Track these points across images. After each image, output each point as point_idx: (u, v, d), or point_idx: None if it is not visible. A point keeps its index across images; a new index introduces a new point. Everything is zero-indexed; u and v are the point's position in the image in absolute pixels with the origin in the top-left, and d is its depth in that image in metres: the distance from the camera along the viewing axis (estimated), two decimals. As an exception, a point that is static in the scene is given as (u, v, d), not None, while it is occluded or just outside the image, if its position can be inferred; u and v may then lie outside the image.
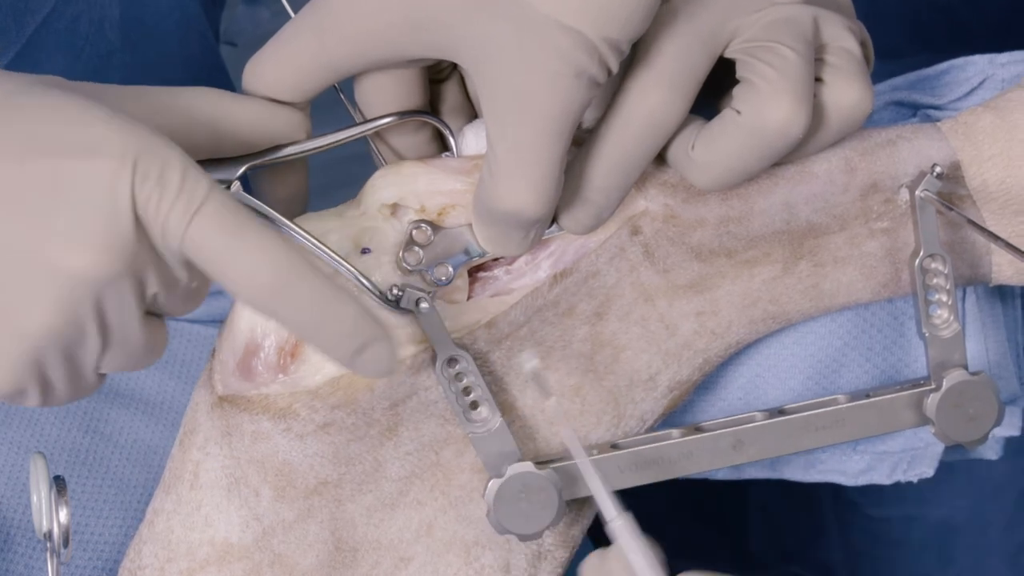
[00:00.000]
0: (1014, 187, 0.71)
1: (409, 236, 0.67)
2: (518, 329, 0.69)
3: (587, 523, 0.72)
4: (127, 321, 0.60)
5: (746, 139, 0.66)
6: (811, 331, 0.75)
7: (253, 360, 0.66)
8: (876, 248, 0.72)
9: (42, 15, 0.89)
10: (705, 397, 0.76)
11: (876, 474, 0.79)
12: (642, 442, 0.69)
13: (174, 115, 0.64)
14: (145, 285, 0.60)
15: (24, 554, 0.76)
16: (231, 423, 0.67)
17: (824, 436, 0.70)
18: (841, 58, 0.68)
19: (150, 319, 0.62)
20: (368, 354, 0.61)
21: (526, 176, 0.63)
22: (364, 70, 0.67)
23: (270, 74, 0.66)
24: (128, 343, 0.61)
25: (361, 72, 0.68)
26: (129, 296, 0.59)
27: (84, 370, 0.61)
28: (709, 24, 0.66)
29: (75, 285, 0.58)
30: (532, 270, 0.69)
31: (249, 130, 0.65)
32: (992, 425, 0.71)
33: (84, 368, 0.61)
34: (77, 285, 0.58)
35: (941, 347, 0.71)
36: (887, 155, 0.71)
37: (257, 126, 0.66)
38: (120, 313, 0.60)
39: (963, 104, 0.75)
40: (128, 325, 0.60)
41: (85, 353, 0.60)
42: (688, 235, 0.70)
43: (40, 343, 0.59)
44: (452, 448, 0.69)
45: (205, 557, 0.68)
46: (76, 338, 0.59)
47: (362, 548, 0.69)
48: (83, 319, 0.59)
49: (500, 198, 0.64)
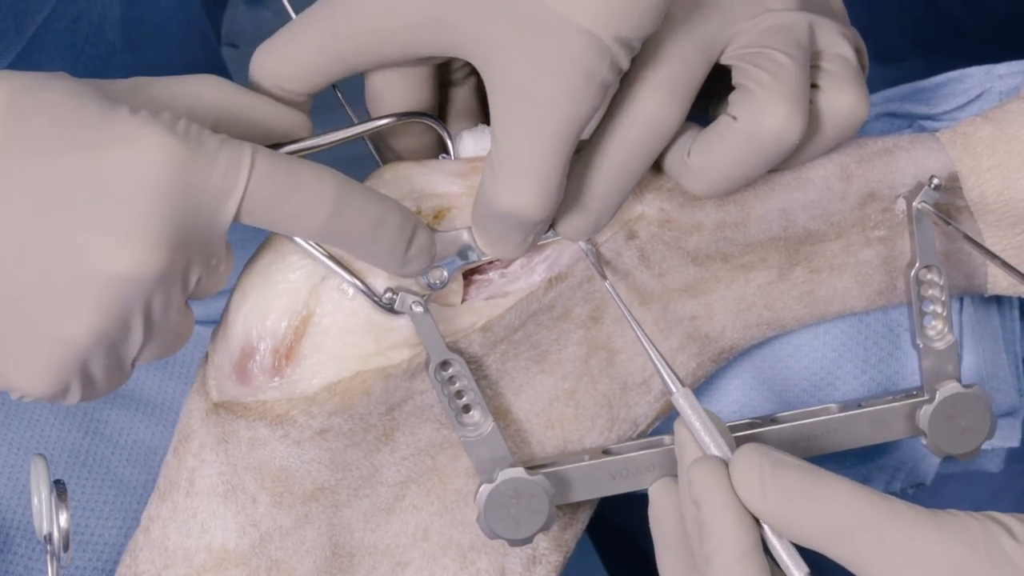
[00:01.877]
0: (1012, 199, 0.71)
1: None
2: (513, 333, 0.69)
3: (581, 527, 0.72)
4: (170, 312, 0.60)
5: (742, 145, 0.66)
6: (806, 342, 0.75)
7: (249, 363, 0.67)
8: (872, 256, 0.72)
9: (42, 16, 0.89)
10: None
11: (873, 484, 0.79)
12: (635, 448, 0.69)
13: (178, 104, 0.63)
14: (191, 273, 0.60)
15: (24, 555, 0.76)
16: (227, 430, 0.67)
17: (816, 446, 0.70)
18: (836, 64, 0.68)
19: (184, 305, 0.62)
20: (415, 245, 0.64)
21: (530, 177, 0.63)
22: (374, 66, 0.67)
23: (278, 64, 0.66)
24: (168, 333, 0.61)
25: (371, 68, 0.68)
26: (176, 288, 0.59)
27: (124, 364, 0.61)
28: (705, 31, 0.66)
29: (124, 285, 0.57)
30: (527, 273, 0.69)
31: (251, 124, 0.65)
32: (984, 438, 0.71)
33: (124, 362, 0.61)
34: (126, 285, 0.57)
35: (935, 358, 0.71)
36: (884, 164, 0.71)
37: (260, 121, 0.65)
38: (165, 305, 0.59)
39: (959, 115, 0.75)
40: (171, 317, 0.60)
41: (128, 348, 0.60)
42: (684, 239, 0.70)
43: (87, 346, 0.58)
44: (448, 452, 0.69)
45: (202, 563, 0.68)
46: (121, 336, 0.59)
47: (359, 553, 0.69)
48: (130, 318, 0.58)
49: (502, 198, 0.64)
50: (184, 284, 0.60)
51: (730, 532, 0.59)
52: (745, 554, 0.59)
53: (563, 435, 0.71)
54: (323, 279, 0.66)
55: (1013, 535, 0.57)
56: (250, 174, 0.59)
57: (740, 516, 0.60)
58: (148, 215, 0.57)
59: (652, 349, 0.65)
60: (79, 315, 0.57)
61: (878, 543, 0.57)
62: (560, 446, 0.70)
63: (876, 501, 0.58)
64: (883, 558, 0.57)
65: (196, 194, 0.58)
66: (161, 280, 0.58)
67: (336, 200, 0.61)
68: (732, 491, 0.60)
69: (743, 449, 0.61)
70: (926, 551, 0.57)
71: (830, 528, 0.58)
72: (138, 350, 0.61)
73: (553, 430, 0.70)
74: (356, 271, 0.66)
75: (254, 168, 0.59)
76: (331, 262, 0.65)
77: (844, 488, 0.59)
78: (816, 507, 0.58)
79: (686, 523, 0.62)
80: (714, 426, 0.63)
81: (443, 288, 0.67)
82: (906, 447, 0.78)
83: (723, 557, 0.59)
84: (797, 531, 0.59)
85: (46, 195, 0.57)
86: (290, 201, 0.60)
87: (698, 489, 0.61)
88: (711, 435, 0.62)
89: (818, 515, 0.58)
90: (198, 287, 0.61)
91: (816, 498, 0.59)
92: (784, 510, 0.59)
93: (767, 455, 0.60)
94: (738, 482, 0.60)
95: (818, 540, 0.59)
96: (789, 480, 0.59)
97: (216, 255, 0.61)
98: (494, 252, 0.68)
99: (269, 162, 0.60)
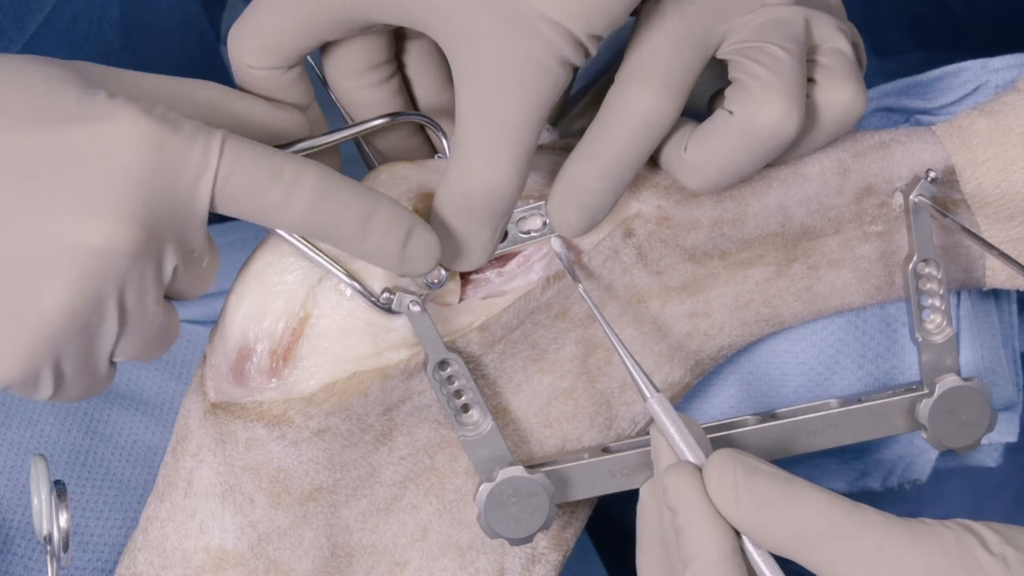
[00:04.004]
0: (1008, 191, 0.71)
1: None
2: (511, 332, 0.69)
3: (580, 525, 0.72)
4: (146, 300, 0.59)
5: (739, 139, 0.66)
6: (803, 338, 0.75)
7: (246, 364, 0.66)
8: (870, 251, 0.72)
9: (42, 15, 0.89)
10: (697, 403, 0.76)
11: (870, 480, 0.79)
12: (634, 446, 0.69)
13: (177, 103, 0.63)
14: (166, 258, 0.59)
15: (23, 555, 0.76)
16: (225, 430, 0.67)
17: (816, 441, 0.70)
18: (833, 59, 0.67)
19: (165, 301, 0.62)
20: (413, 243, 0.63)
21: (508, 152, 0.63)
22: (341, 36, 0.67)
23: (246, 37, 0.66)
24: (145, 325, 0.60)
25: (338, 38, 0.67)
26: (151, 271, 0.59)
27: (99, 357, 0.61)
28: (701, 26, 0.66)
29: (96, 259, 0.57)
30: (524, 272, 0.69)
31: (247, 127, 0.65)
32: (984, 431, 0.71)
33: (99, 355, 0.60)
34: (98, 259, 0.57)
35: (934, 352, 0.71)
36: (880, 157, 0.71)
37: (256, 123, 0.65)
38: (141, 291, 0.59)
39: (955, 109, 0.75)
40: (147, 305, 0.60)
41: (102, 337, 0.59)
42: (682, 237, 0.70)
43: (57, 325, 0.57)
44: (446, 452, 0.69)
45: (200, 564, 0.68)
46: (95, 319, 0.58)
47: (357, 553, 0.69)
48: (103, 297, 0.58)
49: (478, 175, 0.64)
50: (159, 269, 0.59)
51: (707, 538, 0.59)
52: (722, 560, 0.59)
53: (562, 434, 0.70)
54: (320, 280, 0.66)
55: (986, 545, 0.58)
56: (221, 155, 0.59)
57: (716, 522, 0.60)
58: (122, 191, 0.56)
59: (627, 355, 0.65)
60: (50, 289, 0.57)
61: (851, 552, 0.58)
62: (559, 445, 0.70)
63: (850, 510, 0.58)
64: (856, 567, 0.57)
65: (171, 174, 0.57)
66: (135, 259, 0.57)
67: (317, 191, 0.61)
68: (707, 497, 0.60)
69: (717, 455, 0.61)
70: (899, 560, 0.57)
71: (803, 537, 0.58)
72: (113, 342, 0.60)
73: (552, 429, 0.70)
74: (353, 272, 0.66)
75: (225, 149, 0.59)
76: (328, 263, 0.65)
77: (818, 496, 0.59)
78: (790, 515, 0.59)
79: (664, 528, 0.62)
80: (689, 431, 0.63)
81: (441, 287, 0.67)
82: (903, 443, 0.78)
83: (700, 563, 0.59)
84: (771, 539, 0.59)
85: (19, 168, 0.56)
86: (269, 190, 0.60)
87: (672, 495, 0.61)
88: (686, 441, 0.63)
89: (792, 523, 0.58)
90: (178, 281, 0.61)
91: (790, 506, 0.59)
92: (757, 517, 0.59)
93: (741, 462, 0.60)
94: (712, 489, 0.60)
95: (792, 548, 0.59)
96: (763, 488, 0.59)
97: (196, 245, 0.60)
98: (461, 260, 0.67)
99: (243, 146, 0.59)
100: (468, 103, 0.63)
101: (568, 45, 0.62)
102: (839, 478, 0.79)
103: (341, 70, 0.69)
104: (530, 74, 0.62)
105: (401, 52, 0.71)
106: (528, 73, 0.62)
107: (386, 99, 0.70)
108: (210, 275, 0.63)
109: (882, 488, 0.79)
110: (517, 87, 0.62)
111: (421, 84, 0.71)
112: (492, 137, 0.63)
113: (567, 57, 0.63)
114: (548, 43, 0.62)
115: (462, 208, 0.65)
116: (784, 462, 0.73)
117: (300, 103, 0.68)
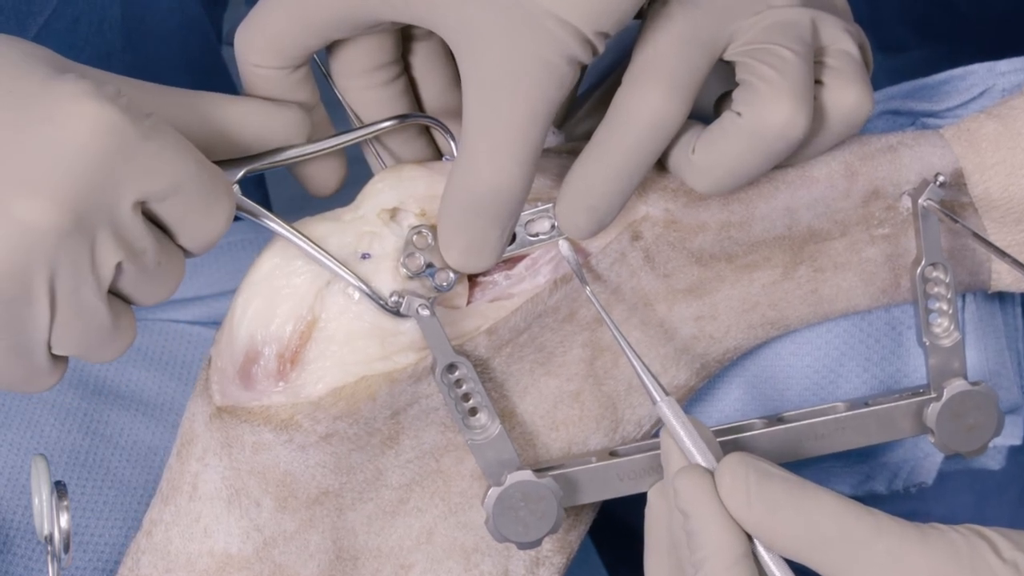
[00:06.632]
0: (1016, 195, 0.71)
1: (409, 241, 0.67)
2: (518, 335, 0.69)
3: (584, 528, 0.72)
4: (83, 290, 0.59)
5: (747, 141, 0.65)
6: (808, 341, 0.75)
7: (253, 368, 0.66)
8: (876, 254, 0.72)
9: (43, 17, 0.89)
10: (702, 406, 0.76)
11: (875, 483, 0.79)
12: (641, 450, 0.69)
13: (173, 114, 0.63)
14: (100, 248, 0.59)
15: (23, 555, 0.76)
16: (231, 434, 0.67)
17: (823, 444, 0.70)
18: (840, 60, 0.67)
19: (115, 301, 0.61)
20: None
21: (514, 150, 0.63)
22: (346, 35, 0.67)
23: (252, 36, 0.66)
24: (84, 317, 0.60)
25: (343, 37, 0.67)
26: (84, 259, 0.58)
27: (33, 343, 0.60)
28: (708, 28, 0.66)
29: (21, 234, 0.56)
30: (532, 275, 0.69)
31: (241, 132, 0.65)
32: (992, 435, 0.71)
33: (32, 340, 0.60)
34: (23, 234, 0.56)
35: (941, 356, 0.71)
36: (888, 161, 0.71)
37: (254, 127, 0.65)
38: (75, 278, 0.58)
39: (961, 112, 0.75)
40: (83, 296, 0.59)
41: (33, 320, 0.59)
42: (689, 240, 0.70)
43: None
44: (452, 455, 0.69)
45: (205, 568, 0.68)
46: (20, 296, 0.58)
47: (363, 556, 0.69)
48: (29, 275, 0.57)
49: (483, 174, 0.64)
50: (93, 259, 0.58)
51: (720, 541, 0.59)
52: (734, 563, 0.59)
53: (568, 436, 0.70)
54: (328, 283, 0.66)
55: (997, 551, 0.58)
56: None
57: (728, 526, 0.60)
58: (61, 170, 0.56)
59: (636, 358, 0.65)
60: None
61: (863, 557, 0.58)
62: (565, 448, 0.70)
63: (862, 514, 0.58)
64: (868, 572, 0.58)
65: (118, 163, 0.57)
66: (60, 240, 0.57)
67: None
68: (719, 501, 0.60)
69: (729, 459, 0.61)
70: (911, 565, 0.57)
71: (815, 541, 0.58)
72: (47, 328, 0.59)
73: (558, 432, 0.70)
74: (361, 275, 0.66)
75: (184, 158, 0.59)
76: (336, 266, 0.65)
77: (830, 501, 0.59)
78: (802, 519, 0.59)
79: (673, 531, 0.62)
80: (699, 435, 0.63)
81: (450, 290, 0.67)
82: (908, 446, 0.78)
83: (712, 566, 0.59)
84: (782, 543, 0.59)
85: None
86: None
87: (684, 499, 0.61)
88: (696, 444, 0.63)
89: (804, 527, 0.58)
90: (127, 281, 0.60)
91: (802, 510, 0.59)
92: (770, 521, 0.59)
93: (753, 466, 0.60)
94: (724, 492, 0.60)
95: (803, 552, 0.59)
96: (775, 492, 0.59)
97: (137, 243, 0.60)
98: (469, 261, 0.67)
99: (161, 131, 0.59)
100: (475, 101, 0.63)
101: (576, 43, 0.62)
102: (844, 481, 0.79)
103: (347, 69, 0.69)
104: (537, 72, 0.62)
105: (408, 53, 0.70)
106: (535, 71, 0.62)
107: (392, 99, 0.70)
108: (167, 281, 0.62)
109: (887, 491, 0.79)
110: (524, 85, 0.62)
111: (428, 85, 0.71)
112: (499, 135, 0.63)
113: (575, 55, 0.62)
114: (555, 41, 0.62)
115: (469, 208, 0.65)
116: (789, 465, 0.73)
117: (306, 103, 0.68)
